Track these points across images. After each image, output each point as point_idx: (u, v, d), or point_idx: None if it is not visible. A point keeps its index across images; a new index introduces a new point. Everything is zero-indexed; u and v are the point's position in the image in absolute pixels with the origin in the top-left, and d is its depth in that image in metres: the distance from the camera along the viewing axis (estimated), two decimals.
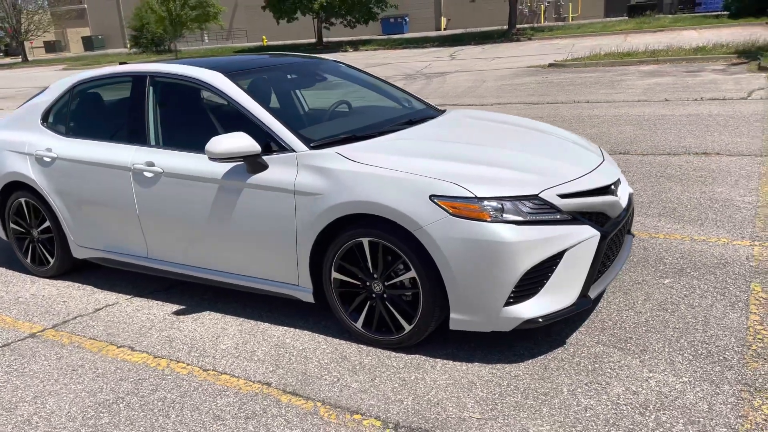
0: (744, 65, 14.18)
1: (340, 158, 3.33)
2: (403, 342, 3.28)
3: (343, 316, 3.44)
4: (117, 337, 3.73)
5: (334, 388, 3.04)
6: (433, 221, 2.98)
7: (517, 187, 3.05)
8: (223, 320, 3.84)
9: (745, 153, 6.73)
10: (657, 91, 11.62)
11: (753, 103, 9.60)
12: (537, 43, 26.57)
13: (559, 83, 14.08)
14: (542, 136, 3.93)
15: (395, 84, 4.93)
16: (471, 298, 3.00)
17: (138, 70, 4.18)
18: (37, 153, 4.47)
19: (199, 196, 3.70)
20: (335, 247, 3.33)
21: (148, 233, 4.03)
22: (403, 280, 3.20)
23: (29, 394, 3.19)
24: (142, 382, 3.22)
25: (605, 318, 3.46)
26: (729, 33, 22.23)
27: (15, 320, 4.08)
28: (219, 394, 3.06)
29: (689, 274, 3.91)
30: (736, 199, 5.25)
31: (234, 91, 3.74)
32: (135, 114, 4.08)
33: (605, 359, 3.07)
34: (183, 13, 20.97)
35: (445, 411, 2.78)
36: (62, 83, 4.61)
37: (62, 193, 4.37)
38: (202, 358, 3.42)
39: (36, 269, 4.78)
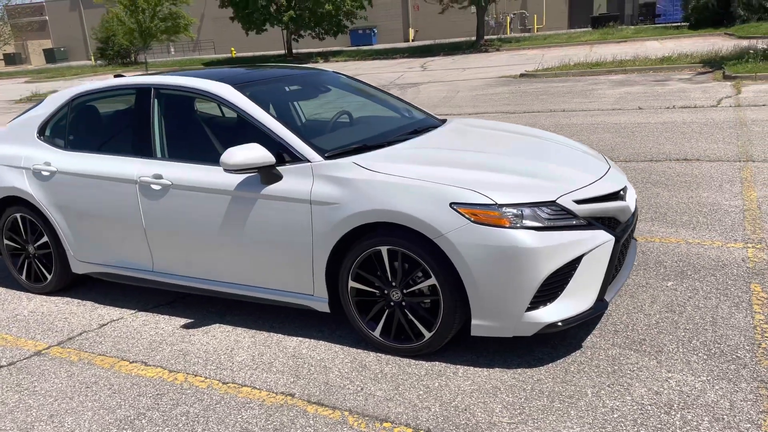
0: (709, 74, 14.63)
1: (357, 167, 3.36)
2: (423, 349, 3.30)
3: (361, 325, 3.45)
4: (128, 352, 3.68)
5: (359, 397, 3.04)
6: (454, 228, 3.02)
7: (534, 194, 3.12)
8: (234, 332, 3.82)
9: (724, 159, 6.95)
10: (629, 100, 11.91)
11: (723, 111, 9.92)
12: (505, 54, 26.99)
13: (533, 93, 14.33)
14: (549, 144, 4.02)
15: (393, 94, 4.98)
16: (493, 304, 3.04)
17: (142, 82, 4.14)
18: (34, 167, 4.38)
19: (211, 208, 3.68)
20: (352, 255, 3.34)
21: (155, 246, 3.99)
22: (422, 288, 3.23)
23: (44, 413, 3.12)
24: (161, 396, 3.18)
25: (616, 321, 3.54)
26: (690, 43, 22.91)
27: (16, 338, 3.98)
28: (243, 407, 3.04)
29: (690, 277, 4.03)
30: (722, 203, 5.42)
31: (244, 102, 3.74)
32: (140, 126, 4.04)
33: (623, 361, 3.14)
34: (153, 24, 20.72)
35: (474, 417, 2.81)
36: (59, 96, 4.54)
37: (62, 207, 4.29)
38: (219, 371, 3.39)
39: (32, 286, 4.67)
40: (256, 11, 31.69)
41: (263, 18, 31.91)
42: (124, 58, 37.96)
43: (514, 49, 29.05)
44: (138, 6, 20.20)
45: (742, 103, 10.44)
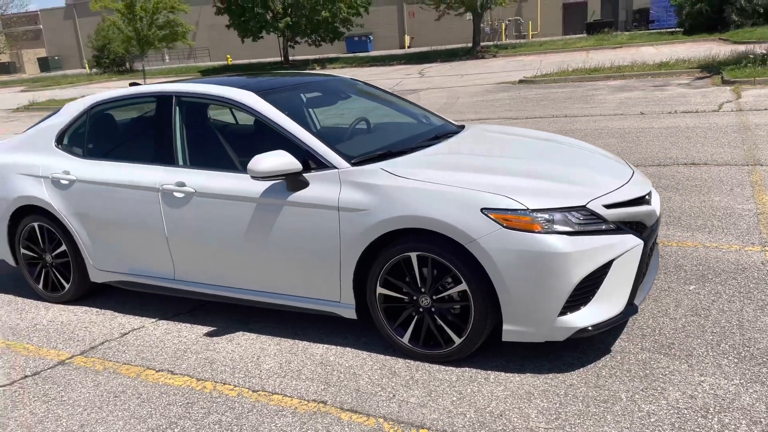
0: (707, 79, 14.73)
1: (385, 174, 3.36)
2: (453, 355, 3.30)
3: (389, 332, 3.45)
4: (153, 361, 3.66)
5: (392, 403, 3.04)
6: (486, 234, 3.03)
7: (564, 199, 3.13)
8: (259, 340, 3.80)
9: (732, 163, 6.99)
10: (630, 105, 11.98)
11: (725, 115, 9.98)
12: (502, 60, 27.11)
13: (533, 98, 14.39)
14: (572, 149, 4.03)
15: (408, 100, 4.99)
16: (525, 309, 3.05)
17: (162, 90, 4.14)
18: (53, 176, 4.37)
19: (236, 215, 3.67)
20: (381, 262, 3.34)
21: (177, 254, 3.98)
22: (452, 294, 3.23)
23: (75, 423, 3.10)
24: (191, 405, 3.17)
25: (643, 325, 3.55)
26: (685, 48, 23.07)
27: (38, 348, 3.96)
28: (275, 415, 3.02)
29: (712, 280, 4.05)
30: (735, 207, 5.45)
31: (268, 109, 3.74)
32: (161, 134, 4.04)
33: (654, 365, 3.15)
34: (150, 32, 20.71)
35: (510, 422, 2.81)
36: (77, 105, 4.53)
37: (81, 215, 4.28)
38: (248, 378, 3.38)
39: (49, 295, 4.65)
40: (252, 18, 31.73)
41: (259, 25, 31.94)
42: (119, 66, 37.91)
43: (511, 55, 29.17)
44: (136, 14, 20.19)
45: (743, 108, 10.51)
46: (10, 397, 3.39)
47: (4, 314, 4.54)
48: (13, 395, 3.41)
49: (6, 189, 4.58)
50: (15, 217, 4.62)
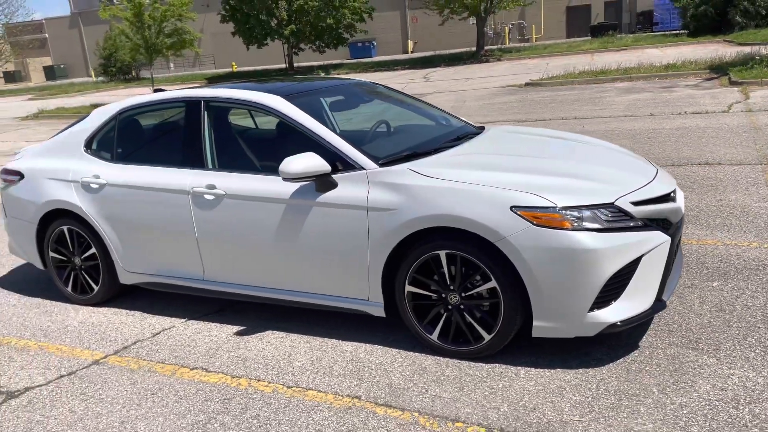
0: (715, 80, 14.78)
1: (414, 174, 3.43)
2: (482, 352, 3.36)
3: (418, 329, 3.51)
4: (186, 359, 3.73)
5: (425, 398, 3.10)
6: (516, 231, 3.09)
7: (592, 196, 3.19)
8: (288, 338, 3.87)
9: (745, 162, 7.04)
10: (639, 107, 12.03)
11: (735, 116, 10.03)
12: (507, 64, 27.18)
13: (540, 101, 14.45)
14: (595, 148, 4.10)
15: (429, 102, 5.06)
16: (555, 305, 3.11)
17: (191, 95, 4.22)
18: (83, 180, 4.45)
19: (265, 216, 3.75)
20: (410, 260, 3.40)
21: (206, 255, 4.05)
22: (481, 291, 3.29)
23: (115, 419, 3.17)
24: (228, 401, 3.23)
25: (669, 321, 3.61)
26: (691, 50, 23.12)
27: (72, 348, 4.03)
28: (312, 410, 3.09)
29: (734, 277, 4.10)
30: (752, 206, 5.50)
31: (296, 113, 3.82)
32: (190, 138, 4.11)
33: (683, 359, 3.20)
34: (159, 40, 20.87)
35: (544, 415, 2.87)
36: (105, 110, 4.61)
37: (111, 218, 4.36)
38: (281, 375, 3.44)
39: (77, 297, 4.72)
40: (257, 26, 31.90)
41: (264, 32, 32.11)
42: (125, 74, 38.15)
43: (515, 58, 29.26)
44: (144, 22, 20.35)
45: (752, 108, 10.55)
46: (48, 396, 3.46)
47: (34, 316, 4.61)
48: (51, 394, 3.48)
49: (35, 193, 4.66)
50: (44, 221, 4.70)
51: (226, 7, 32.65)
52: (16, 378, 3.70)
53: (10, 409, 3.36)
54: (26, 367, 3.83)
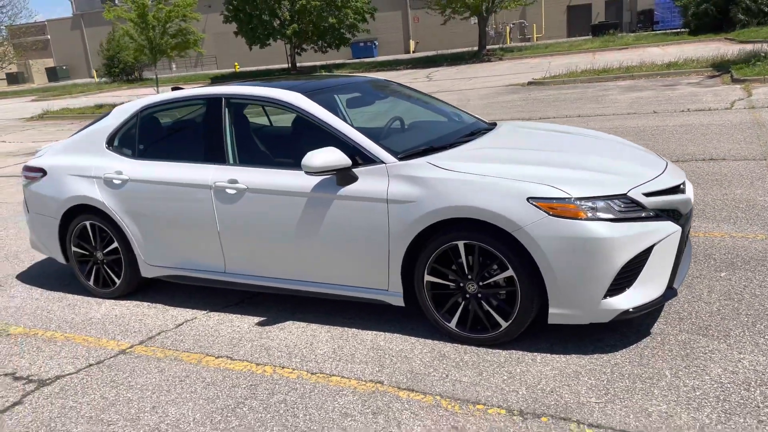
0: (717, 78, 14.89)
1: (433, 167, 3.54)
2: (500, 338, 3.47)
3: (437, 317, 3.62)
4: (210, 348, 3.84)
5: (446, 383, 3.21)
6: (533, 222, 3.20)
7: (606, 187, 3.30)
8: (309, 328, 3.98)
9: (749, 158, 7.15)
10: (642, 104, 12.14)
11: (738, 113, 10.14)
12: (509, 63, 27.31)
13: (544, 99, 14.57)
14: (606, 142, 4.21)
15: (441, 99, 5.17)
16: (571, 293, 3.22)
17: (211, 93, 4.33)
18: (105, 176, 4.57)
19: (287, 210, 3.86)
20: (429, 251, 3.52)
21: (228, 248, 4.16)
22: (498, 280, 3.40)
23: (146, 405, 3.29)
24: (255, 387, 3.35)
25: (679, 309, 3.72)
26: (692, 48, 23.22)
27: (98, 339, 4.15)
28: (337, 394, 3.20)
29: (741, 268, 4.21)
30: (757, 200, 5.61)
31: (316, 109, 3.93)
32: (211, 135, 4.23)
33: (693, 345, 3.31)
34: (163, 41, 20.99)
35: (562, 398, 2.98)
36: (126, 108, 4.73)
37: (134, 213, 4.47)
38: (304, 362, 3.56)
39: (99, 291, 4.84)
40: (259, 26, 32.05)
41: (267, 32, 32.26)
42: (128, 75, 38.31)
43: (517, 58, 29.38)
44: (148, 23, 20.47)
45: (755, 105, 10.66)
46: (78, 384, 3.57)
47: (58, 309, 4.73)
48: (81, 382, 3.60)
49: (58, 190, 4.78)
50: (66, 216, 4.82)
51: (229, 7, 32.81)
52: (47, 367, 3.82)
53: (43, 396, 3.48)
54: (55, 356, 3.95)
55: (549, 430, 2.76)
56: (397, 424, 2.91)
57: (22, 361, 3.93)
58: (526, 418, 2.86)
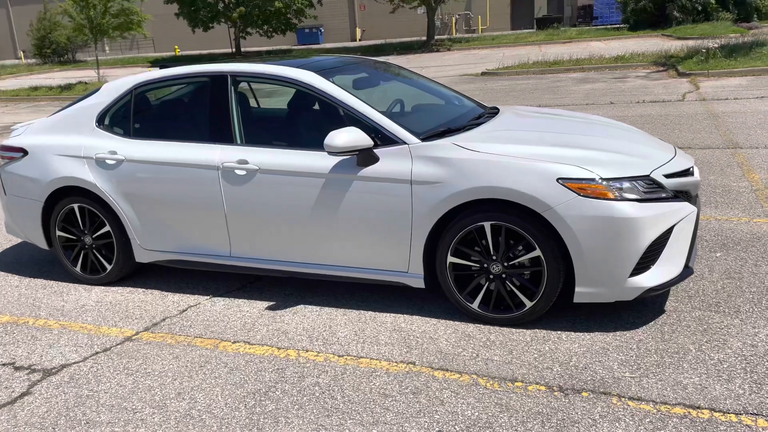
0: (663, 72, 15.47)
1: (458, 148, 3.54)
2: (524, 318, 3.52)
3: (459, 298, 3.63)
4: (224, 334, 3.73)
5: (478, 362, 3.23)
6: (563, 202, 3.25)
7: (630, 169, 3.39)
8: (323, 311, 3.92)
9: (713, 146, 7.48)
10: (598, 95, 12.50)
11: (691, 105, 10.58)
12: (458, 54, 27.55)
13: (500, 90, 14.79)
14: (616, 127, 4.30)
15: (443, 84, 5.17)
16: (598, 271, 3.29)
17: (215, 70, 4.18)
18: (97, 156, 4.34)
19: (303, 191, 3.78)
20: (454, 232, 3.52)
21: (235, 231, 4.04)
22: (524, 260, 3.44)
23: (170, 391, 3.16)
24: (283, 371, 3.27)
25: (686, 288, 3.86)
26: (633, 43, 24.03)
27: (97, 326, 3.96)
28: (370, 375, 3.17)
29: (733, 248, 4.40)
30: (731, 185, 5.87)
31: (332, 88, 3.85)
32: (216, 113, 4.08)
33: (709, 321, 3.45)
34: (105, 21, 20.09)
35: (596, 373, 3.05)
36: (118, 85, 4.50)
37: (129, 195, 4.27)
38: (327, 345, 3.50)
39: (87, 277, 4.61)
40: (203, 8, 31.13)
41: (211, 15, 31.37)
42: (61, 56, 36.51)
43: (465, 48, 29.67)
44: (89, 1, 19.55)
45: (706, 98, 11.14)
46: (89, 372, 3.40)
47: (44, 296, 4.48)
48: (92, 370, 3.43)
49: (42, 171, 4.51)
50: (51, 199, 4.56)
51: None
52: (48, 356, 3.62)
53: (53, 386, 3.29)
54: (54, 345, 3.75)
55: (592, 404, 2.81)
56: (440, 403, 2.90)
57: (18, 351, 3.71)
58: (567, 393, 2.91)
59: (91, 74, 24.83)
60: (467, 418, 2.79)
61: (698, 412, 2.70)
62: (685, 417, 2.67)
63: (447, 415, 2.81)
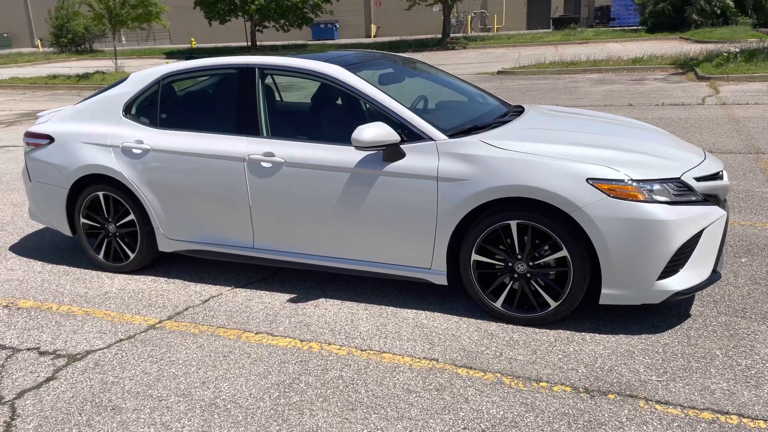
0: (682, 75, 15.35)
1: (486, 146, 3.52)
2: (548, 318, 3.50)
3: (482, 296, 3.62)
4: (247, 324, 3.74)
5: (502, 361, 3.22)
6: (592, 203, 3.23)
7: (660, 171, 3.36)
8: (345, 305, 3.92)
9: (735, 151, 7.41)
10: (616, 97, 12.42)
11: (711, 108, 10.49)
12: (473, 52, 27.47)
13: (517, 89, 14.73)
14: (643, 129, 4.28)
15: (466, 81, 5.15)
16: (626, 274, 3.27)
17: (243, 62, 4.18)
18: (124, 145, 4.36)
19: (328, 184, 3.78)
20: (479, 230, 3.50)
21: (259, 223, 4.05)
22: (549, 260, 3.42)
23: (195, 380, 3.18)
24: (306, 363, 3.28)
25: (711, 293, 3.83)
26: (650, 46, 23.86)
27: (120, 314, 3.98)
28: (394, 371, 3.17)
29: (758, 254, 4.37)
30: (755, 191, 5.82)
31: (359, 83, 3.85)
32: (243, 106, 4.09)
33: (735, 327, 3.42)
34: (123, 11, 20.17)
35: (623, 376, 3.03)
36: (146, 75, 4.52)
37: (154, 184, 4.29)
38: (350, 339, 3.51)
39: (110, 265, 4.64)
40: (221, 1, 31.18)
41: (228, 8, 31.42)
42: (78, 46, 36.69)
43: (480, 47, 29.57)
44: None
45: (726, 102, 11.05)
46: (114, 359, 3.43)
47: (67, 283, 4.51)
48: (116, 357, 3.45)
49: (68, 158, 4.54)
50: (75, 186, 4.59)
51: None
52: (73, 342, 3.64)
53: (78, 371, 3.32)
54: (78, 331, 3.77)
55: (619, 407, 2.80)
56: (464, 400, 2.90)
57: (43, 336, 3.74)
58: (593, 395, 2.89)
59: (109, 64, 24.97)
60: (492, 416, 2.78)
61: (727, 418, 2.68)
62: (713, 422, 2.65)
63: (472, 413, 2.81)
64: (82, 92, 18.09)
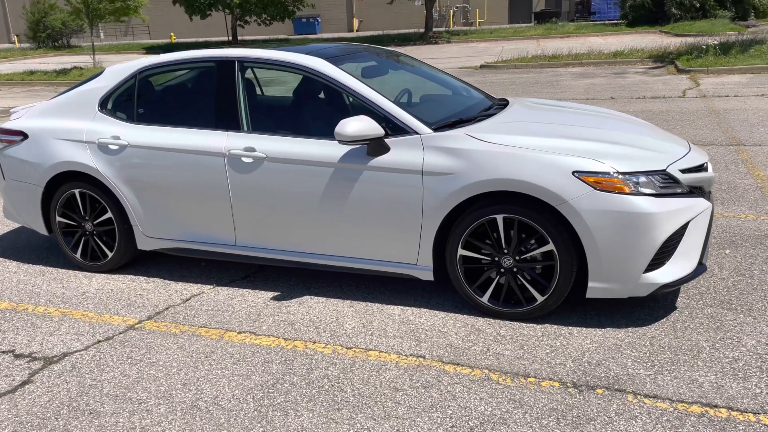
0: (662, 68, 15.44)
1: (471, 139, 3.47)
2: (535, 312, 3.47)
3: (468, 291, 3.58)
4: (229, 324, 3.66)
5: (489, 356, 3.18)
6: (578, 195, 3.19)
7: (646, 163, 3.33)
8: (329, 303, 3.86)
9: (716, 143, 7.45)
10: (598, 90, 12.45)
11: (692, 101, 10.54)
12: (456, 46, 27.43)
13: (500, 83, 14.72)
14: (628, 121, 4.25)
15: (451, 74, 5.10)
16: (613, 267, 3.24)
17: (222, 55, 4.09)
18: (100, 140, 4.25)
19: (311, 180, 3.71)
20: (465, 224, 3.46)
21: (240, 219, 3.97)
22: (536, 254, 3.39)
23: (176, 382, 3.10)
24: (290, 363, 3.21)
25: (697, 285, 3.82)
26: (630, 39, 23.98)
27: (98, 314, 3.88)
28: (380, 368, 3.12)
29: (742, 245, 4.37)
30: (737, 182, 5.84)
31: (342, 76, 3.78)
32: (223, 100, 4.00)
33: (721, 319, 3.41)
34: (101, 5, 19.85)
35: (610, 370, 3.00)
36: (122, 69, 4.41)
37: (132, 181, 4.19)
38: (335, 337, 3.45)
39: (88, 264, 4.53)
40: None
41: (209, 2, 31.08)
42: (55, 41, 36.09)
43: (463, 41, 29.56)
44: None
45: (706, 94, 11.11)
46: (92, 361, 3.33)
47: (43, 283, 4.40)
48: (94, 359, 3.36)
49: (43, 155, 4.42)
50: (51, 184, 4.47)
51: None
52: (49, 344, 3.54)
53: (55, 374, 3.22)
54: (55, 333, 3.67)
55: (607, 401, 2.77)
56: (452, 398, 2.86)
57: (18, 338, 3.63)
58: (581, 390, 2.86)
59: (87, 60, 24.57)
60: (481, 413, 2.74)
61: (716, 411, 2.66)
62: (702, 416, 2.63)
63: (460, 410, 2.77)
64: (59, 88, 17.78)
